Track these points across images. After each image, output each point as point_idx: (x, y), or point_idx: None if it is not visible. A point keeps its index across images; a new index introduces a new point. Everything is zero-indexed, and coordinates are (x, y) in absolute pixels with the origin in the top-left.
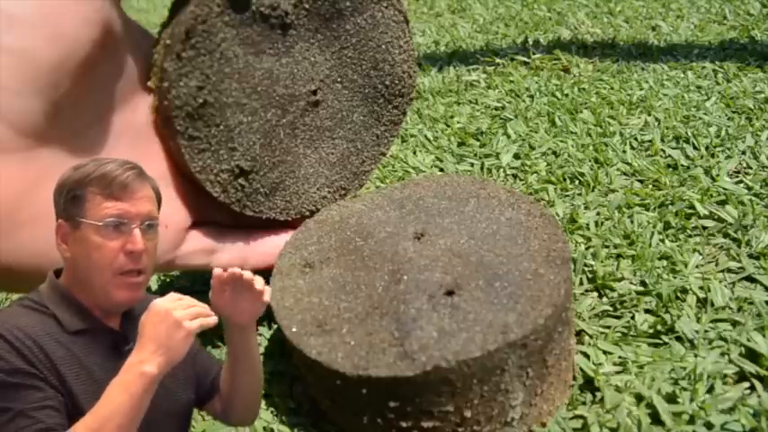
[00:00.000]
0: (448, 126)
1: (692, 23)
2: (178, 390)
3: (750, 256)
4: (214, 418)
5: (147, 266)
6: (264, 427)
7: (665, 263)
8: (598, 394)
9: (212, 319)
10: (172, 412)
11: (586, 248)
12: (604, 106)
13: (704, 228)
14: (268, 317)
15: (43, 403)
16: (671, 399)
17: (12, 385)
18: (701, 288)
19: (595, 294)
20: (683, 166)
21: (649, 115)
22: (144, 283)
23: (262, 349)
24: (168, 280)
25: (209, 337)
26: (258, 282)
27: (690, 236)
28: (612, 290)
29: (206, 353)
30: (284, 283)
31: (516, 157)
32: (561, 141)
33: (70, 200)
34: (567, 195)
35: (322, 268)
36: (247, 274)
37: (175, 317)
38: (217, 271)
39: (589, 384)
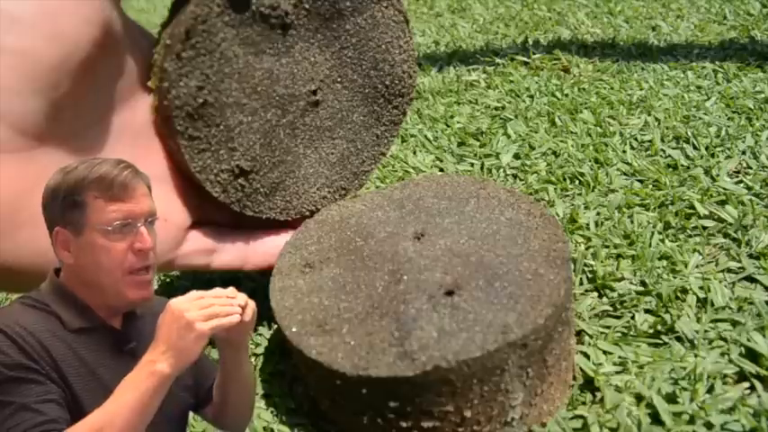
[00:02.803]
0: (448, 126)
1: (691, 23)
2: (180, 393)
3: (750, 256)
4: (208, 423)
5: (154, 263)
6: (264, 427)
7: (665, 263)
8: (598, 394)
9: (229, 319)
10: (173, 415)
11: (586, 248)
12: (604, 106)
13: (704, 228)
14: (268, 317)
15: (45, 397)
16: (671, 399)
17: (14, 379)
18: (701, 288)
19: (595, 294)
20: (683, 166)
21: (649, 115)
22: (152, 280)
23: (262, 349)
24: (168, 280)
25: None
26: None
27: (690, 236)
28: (612, 290)
29: (207, 358)
30: (284, 283)
31: (516, 157)
32: (561, 141)
33: (69, 206)
34: (567, 195)
35: (322, 268)
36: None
37: (188, 318)
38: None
39: (589, 384)
